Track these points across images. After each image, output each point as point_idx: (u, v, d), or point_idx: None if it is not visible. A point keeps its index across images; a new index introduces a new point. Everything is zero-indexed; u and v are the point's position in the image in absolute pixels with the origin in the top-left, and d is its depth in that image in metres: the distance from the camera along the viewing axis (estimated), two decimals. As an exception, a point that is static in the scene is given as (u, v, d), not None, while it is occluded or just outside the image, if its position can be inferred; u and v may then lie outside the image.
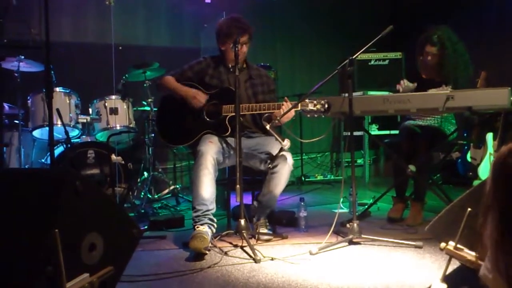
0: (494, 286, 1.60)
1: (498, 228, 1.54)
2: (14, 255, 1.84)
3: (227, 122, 3.39)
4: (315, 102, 3.17)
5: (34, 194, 1.93)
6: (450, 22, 3.93)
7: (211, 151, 3.24)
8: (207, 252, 2.97)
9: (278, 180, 3.31)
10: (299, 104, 3.19)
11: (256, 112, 3.37)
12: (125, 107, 4.69)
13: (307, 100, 3.19)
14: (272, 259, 2.85)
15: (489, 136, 5.07)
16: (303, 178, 6.44)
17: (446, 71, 3.82)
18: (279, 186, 3.33)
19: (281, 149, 3.22)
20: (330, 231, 3.16)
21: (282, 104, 3.25)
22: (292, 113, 3.23)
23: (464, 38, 3.96)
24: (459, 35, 3.92)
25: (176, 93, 3.53)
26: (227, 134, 3.39)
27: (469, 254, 2.08)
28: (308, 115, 3.22)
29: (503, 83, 3.36)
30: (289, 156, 3.33)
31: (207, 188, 3.16)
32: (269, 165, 3.33)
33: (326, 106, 3.17)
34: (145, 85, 4.95)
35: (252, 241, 3.18)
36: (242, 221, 3.07)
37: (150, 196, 4.83)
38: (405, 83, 3.83)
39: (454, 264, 2.28)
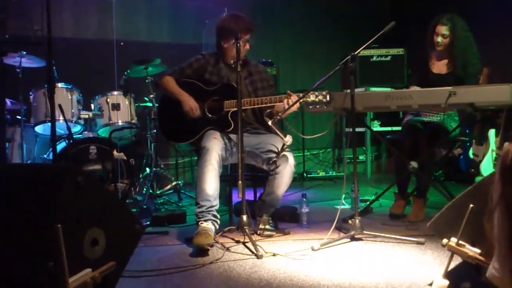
0: (503, 285, 1.60)
1: (507, 226, 1.54)
2: (17, 250, 1.85)
3: (229, 118, 3.39)
4: (316, 93, 3.18)
5: (37, 189, 1.94)
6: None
7: (216, 147, 3.24)
8: (210, 248, 2.98)
9: (280, 181, 3.32)
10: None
11: (257, 106, 3.37)
12: (127, 103, 4.68)
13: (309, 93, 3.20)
14: (274, 255, 2.86)
15: (491, 133, 5.06)
16: (305, 174, 6.44)
17: (456, 51, 3.84)
18: (281, 187, 3.34)
19: (283, 147, 3.22)
20: (332, 227, 3.16)
21: (286, 97, 3.25)
22: (296, 105, 3.23)
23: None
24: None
25: (174, 97, 3.50)
26: (231, 129, 3.39)
27: (471, 250, 2.07)
28: (310, 107, 3.22)
29: (506, 80, 3.35)
30: (290, 157, 3.33)
31: (212, 184, 3.16)
32: (271, 166, 3.33)
33: (328, 97, 3.18)
34: (147, 81, 4.94)
35: (254, 237, 3.18)
36: (244, 217, 3.07)
37: (152, 192, 4.82)
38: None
39: (456, 260, 2.28)
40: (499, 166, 1.61)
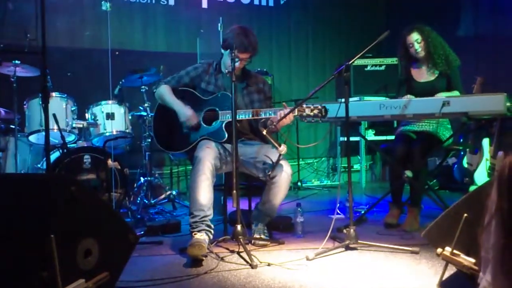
0: None
1: (502, 239, 1.54)
2: (10, 260, 1.83)
3: (224, 128, 3.39)
4: (312, 107, 3.17)
5: (30, 199, 1.93)
6: (446, 29, 3.98)
7: (209, 157, 3.23)
8: (204, 258, 2.97)
9: (277, 190, 3.31)
10: (296, 110, 3.19)
11: (252, 118, 3.37)
12: (121, 112, 4.67)
13: (304, 106, 3.19)
14: (268, 265, 2.85)
15: (486, 142, 5.08)
16: (299, 184, 6.44)
17: (433, 48, 3.89)
18: (278, 196, 3.33)
19: (279, 158, 3.21)
20: (327, 237, 3.16)
21: (280, 110, 3.25)
22: (290, 118, 3.23)
23: (461, 44, 4.01)
24: (455, 41, 3.96)
25: (169, 107, 3.53)
26: (224, 140, 3.40)
27: (466, 260, 2.08)
28: (305, 121, 3.23)
29: (499, 89, 3.38)
30: (287, 166, 3.32)
31: (205, 194, 3.16)
32: (268, 175, 3.32)
33: (323, 111, 3.18)
34: (141, 90, 4.94)
35: (249, 247, 3.17)
36: (239, 227, 3.06)
37: (146, 202, 4.81)
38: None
39: (451, 270, 2.28)
40: (496, 179, 1.61)
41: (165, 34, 6.48)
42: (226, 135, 3.38)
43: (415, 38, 3.91)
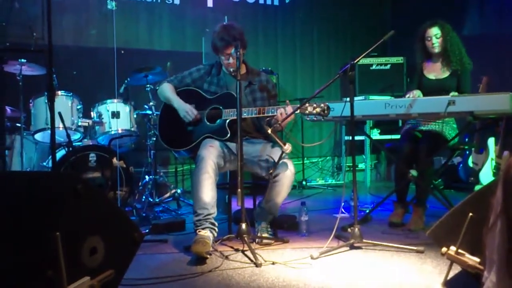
0: None
1: (507, 241, 1.53)
2: (15, 258, 1.84)
3: (227, 126, 3.40)
4: (314, 105, 3.17)
5: (35, 197, 1.94)
6: (452, 28, 3.96)
7: (211, 156, 3.24)
8: (208, 256, 2.97)
9: (279, 188, 3.31)
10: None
11: (255, 116, 3.37)
12: (127, 110, 4.69)
13: (307, 103, 3.20)
14: (273, 264, 2.85)
15: (491, 141, 5.07)
16: (304, 183, 6.44)
17: (451, 46, 3.90)
18: (281, 194, 3.33)
19: (281, 156, 3.21)
20: (331, 236, 3.16)
21: (283, 107, 3.25)
22: (292, 115, 3.24)
23: (466, 43, 3.99)
24: (461, 40, 3.95)
25: (169, 104, 3.58)
26: (227, 138, 3.41)
27: (471, 259, 2.07)
28: (308, 118, 3.23)
29: (504, 89, 3.36)
30: (290, 164, 3.32)
31: (208, 192, 3.17)
32: (270, 173, 3.32)
33: (326, 110, 3.17)
34: (147, 89, 4.96)
35: (253, 245, 3.17)
36: (243, 225, 3.07)
37: (151, 200, 4.82)
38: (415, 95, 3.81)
39: (456, 269, 2.28)
40: (501, 179, 1.60)
41: (170, 33, 6.50)
42: (229, 133, 3.39)
43: (435, 32, 3.90)
